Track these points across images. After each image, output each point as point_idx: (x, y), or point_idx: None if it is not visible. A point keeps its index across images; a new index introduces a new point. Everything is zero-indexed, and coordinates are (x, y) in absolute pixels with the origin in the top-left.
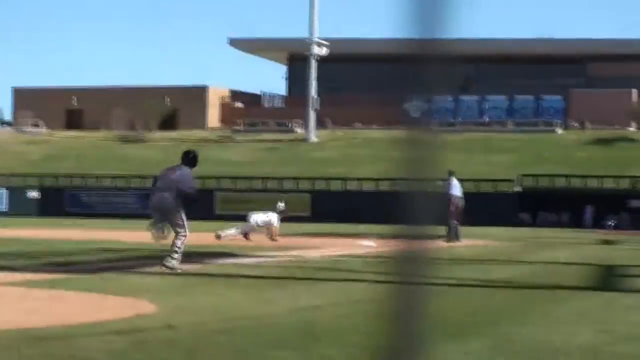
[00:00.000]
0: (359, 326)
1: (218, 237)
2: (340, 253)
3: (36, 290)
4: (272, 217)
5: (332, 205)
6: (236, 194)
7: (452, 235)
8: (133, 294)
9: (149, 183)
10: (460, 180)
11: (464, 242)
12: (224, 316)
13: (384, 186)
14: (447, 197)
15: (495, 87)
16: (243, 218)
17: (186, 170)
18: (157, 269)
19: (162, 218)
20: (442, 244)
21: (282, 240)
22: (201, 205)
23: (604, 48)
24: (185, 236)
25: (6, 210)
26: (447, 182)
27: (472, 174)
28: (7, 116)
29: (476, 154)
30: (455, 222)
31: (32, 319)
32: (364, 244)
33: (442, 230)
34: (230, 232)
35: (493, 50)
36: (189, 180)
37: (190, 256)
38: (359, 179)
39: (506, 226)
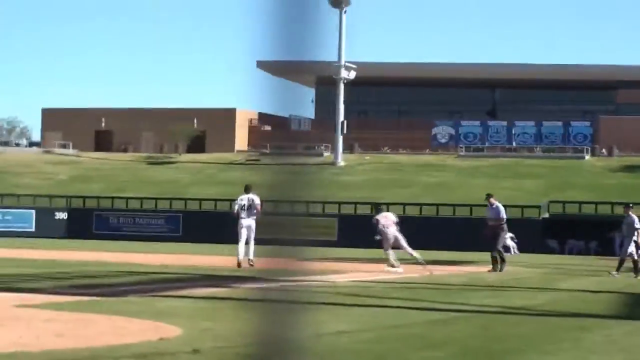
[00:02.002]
0: (383, 352)
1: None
2: (366, 278)
3: (62, 312)
4: None
5: (358, 230)
6: (263, 217)
7: (497, 262)
8: (159, 318)
9: (177, 205)
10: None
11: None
12: (248, 341)
13: (412, 211)
14: (497, 221)
15: (524, 112)
16: (268, 242)
17: None
18: (182, 292)
19: None
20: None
21: (307, 265)
22: (229, 229)
23: (633, 74)
24: None
25: (34, 231)
26: (491, 206)
27: (499, 200)
28: (36, 137)
29: (504, 179)
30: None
31: (58, 341)
32: (391, 270)
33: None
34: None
35: (521, 76)
36: None
37: (215, 279)
38: (386, 204)
39: (533, 253)
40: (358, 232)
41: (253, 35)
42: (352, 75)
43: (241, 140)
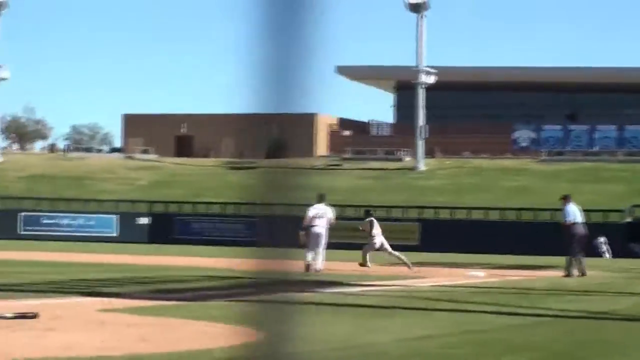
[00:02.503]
0: (467, 357)
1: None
2: (448, 283)
3: (145, 317)
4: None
5: (440, 235)
6: (344, 222)
7: (569, 267)
8: (240, 322)
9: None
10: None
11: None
12: (330, 345)
13: (493, 216)
14: (564, 225)
15: (606, 116)
16: (350, 246)
17: None
18: (265, 296)
19: None
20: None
21: (389, 270)
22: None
23: None
24: None
25: (117, 236)
26: (564, 209)
27: (581, 204)
28: (117, 143)
29: (585, 183)
30: (577, 253)
31: (140, 346)
32: (473, 274)
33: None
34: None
35: (603, 79)
36: None
37: (294, 284)
38: (467, 208)
39: (615, 257)
40: (439, 237)
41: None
42: (432, 79)
43: (321, 145)
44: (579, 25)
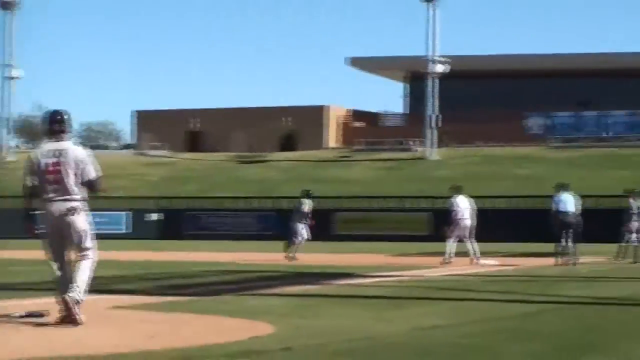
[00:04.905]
0: (479, 346)
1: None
2: (461, 272)
3: (156, 313)
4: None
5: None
6: (357, 213)
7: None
8: (251, 316)
9: (268, 204)
10: (581, 196)
11: (581, 260)
12: (342, 337)
13: (505, 204)
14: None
15: (617, 102)
16: (362, 238)
17: None
18: (274, 290)
19: None
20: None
21: (402, 260)
22: (321, 225)
23: None
24: None
25: (127, 232)
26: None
27: (592, 190)
28: (129, 139)
29: (597, 169)
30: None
31: (151, 342)
32: (486, 263)
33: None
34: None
35: (614, 65)
36: None
37: (307, 277)
38: (480, 197)
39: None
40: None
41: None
42: (445, 68)
43: (333, 137)
44: (590, 11)
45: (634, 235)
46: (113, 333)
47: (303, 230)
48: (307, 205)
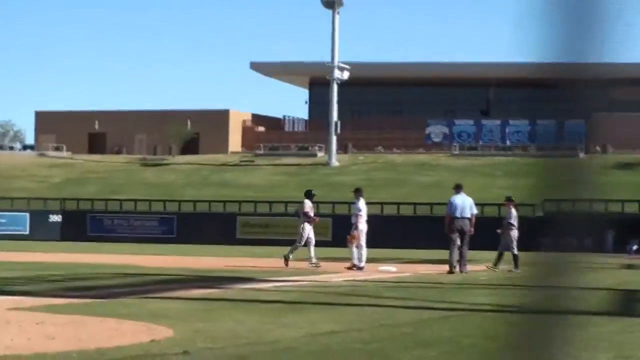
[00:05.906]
0: (377, 351)
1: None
2: (360, 278)
3: (54, 315)
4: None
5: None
6: (257, 217)
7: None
8: (151, 319)
9: (170, 207)
10: (481, 205)
11: (480, 268)
12: (241, 341)
13: (405, 210)
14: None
15: (518, 111)
16: (263, 242)
17: None
18: (176, 293)
19: None
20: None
21: (301, 265)
22: (222, 229)
23: (628, 72)
24: None
25: (28, 234)
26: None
27: (494, 199)
28: (30, 140)
29: (498, 178)
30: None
31: (49, 344)
32: (385, 269)
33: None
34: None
35: (515, 74)
36: None
37: (209, 281)
38: (380, 203)
39: (528, 250)
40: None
41: (247, 36)
42: (346, 75)
43: (235, 141)
44: (489, 20)
45: (514, 243)
46: (10, 335)
47: (304, 231)
48: (306, 205)
